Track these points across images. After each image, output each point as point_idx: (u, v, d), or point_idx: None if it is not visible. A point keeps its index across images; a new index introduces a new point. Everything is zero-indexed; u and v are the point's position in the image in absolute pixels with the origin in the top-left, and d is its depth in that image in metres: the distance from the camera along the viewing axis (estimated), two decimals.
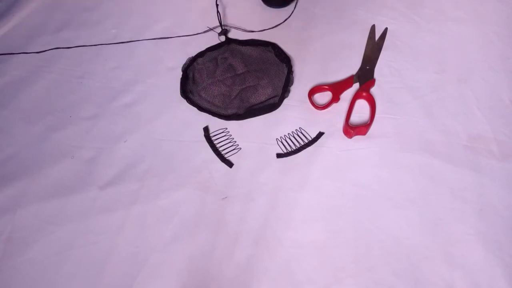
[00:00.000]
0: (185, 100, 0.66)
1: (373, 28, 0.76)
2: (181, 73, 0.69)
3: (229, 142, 0.62)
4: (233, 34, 0.76)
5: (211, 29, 0.75)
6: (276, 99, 0.66)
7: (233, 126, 0.64)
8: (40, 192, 0.57)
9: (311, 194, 0.56)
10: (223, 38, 0.74)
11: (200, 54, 0.72)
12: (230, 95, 0.67)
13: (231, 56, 0.71)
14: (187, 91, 0.68)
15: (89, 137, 0.63)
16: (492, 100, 0.65)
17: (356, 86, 0.68)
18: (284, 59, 0.71)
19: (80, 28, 0.78)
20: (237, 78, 0.69)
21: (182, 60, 0.72)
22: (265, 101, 0.66)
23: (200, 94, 0.67)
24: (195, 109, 0.66)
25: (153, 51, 0.74)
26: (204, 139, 0.62)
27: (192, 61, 0.71)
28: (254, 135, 0.63)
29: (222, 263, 0.51)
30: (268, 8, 0.80)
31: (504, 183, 0.57)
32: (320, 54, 0.73)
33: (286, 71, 0.69)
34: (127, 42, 0.75)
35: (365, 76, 0.69)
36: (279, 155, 0.60)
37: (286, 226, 0.54)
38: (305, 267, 0.51)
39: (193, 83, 0.69)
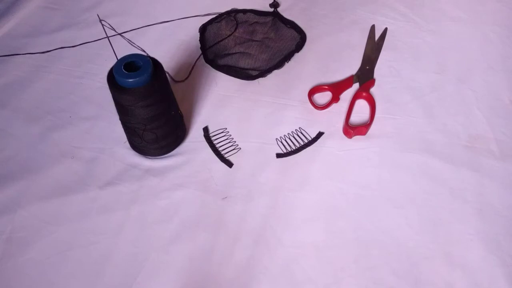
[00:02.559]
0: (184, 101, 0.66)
1: (373, 28, 0.76)
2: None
3: (229, 142, 0.62)
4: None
5: None
6: (256, 72, 0.70)
7: (233, 126, 0.64)
8: (40, 192, 0.57)
9: (311, 194, 0.56)
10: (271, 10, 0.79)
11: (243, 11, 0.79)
12: (228, 50, 0.73)
13: (260, 25, 0.77)
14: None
15: (89, 137, 0.63)
16: (492, 100, 0.66)
17: (356, 86, 0.68)
18: (297, 49, 0.74)
19: (80, 28, 0.79)
20: (247, 42, 0.74)
21: (181, 61, 0.72)
22: (246, 69, 0.70)
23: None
24: (193, 110, 0.66)
25: (151, 52, 0.74)
26: (203, 139, 0.62)
27: (228, 14, 0.78)
28: (254, 135, 0.63)
29: (222, 263, 0.51)
30: None
31: (504, 183, 0.57)
32: (320, 54, 0.73)
33: (287, 61, 0.72)
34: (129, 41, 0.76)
35: (365, 76, 0.69)
36: (279, 155, 0.60)
37: (286, 226, 0.54)
38: (305, 267, 0.50)
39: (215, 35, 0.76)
